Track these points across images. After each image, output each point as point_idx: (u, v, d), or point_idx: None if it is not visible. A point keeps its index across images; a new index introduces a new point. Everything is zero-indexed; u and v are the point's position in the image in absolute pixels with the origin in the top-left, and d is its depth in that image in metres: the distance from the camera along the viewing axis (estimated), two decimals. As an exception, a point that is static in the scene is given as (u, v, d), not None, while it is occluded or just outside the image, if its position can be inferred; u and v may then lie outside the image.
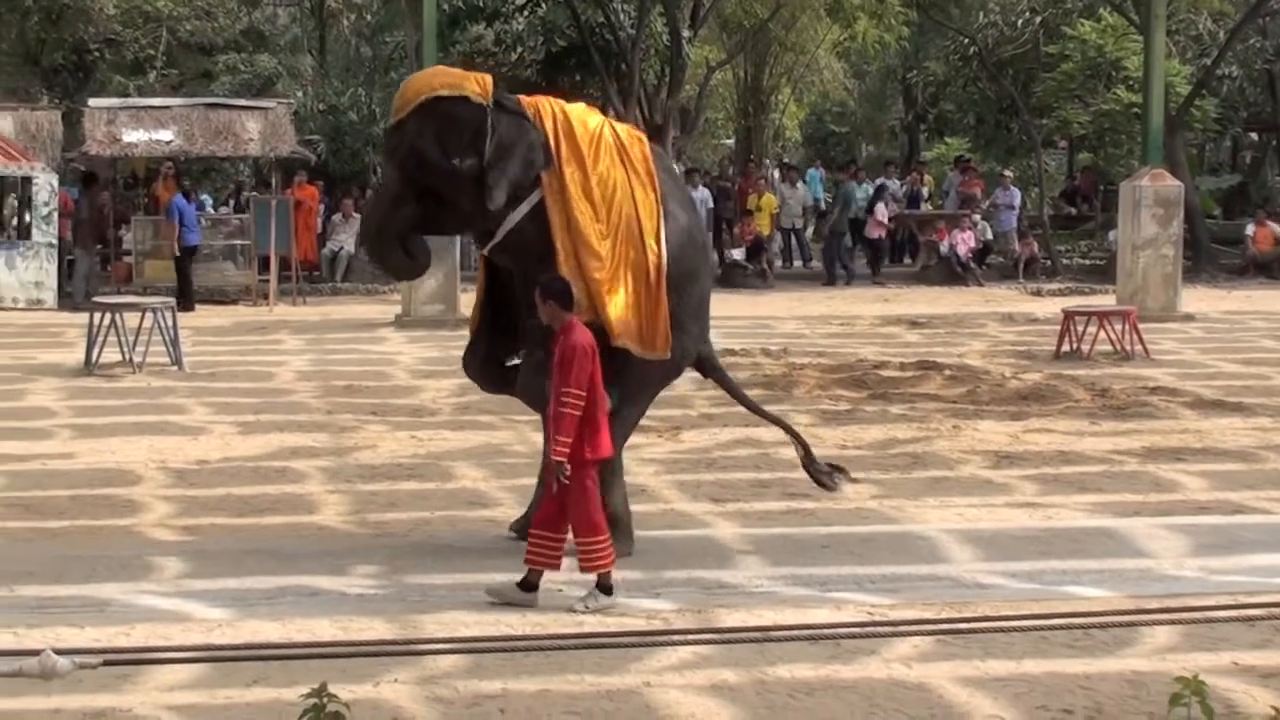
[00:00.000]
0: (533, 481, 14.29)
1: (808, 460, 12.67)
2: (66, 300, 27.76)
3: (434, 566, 11.52)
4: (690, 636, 9.51)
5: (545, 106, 12.02)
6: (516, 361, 12.22)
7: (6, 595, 10.76)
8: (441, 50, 30.17)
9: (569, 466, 10.45)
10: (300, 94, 37.45)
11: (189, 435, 16.45)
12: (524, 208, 11.74)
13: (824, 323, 26.20)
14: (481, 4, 37.35)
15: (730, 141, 52.90)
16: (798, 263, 36.68)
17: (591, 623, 10.07)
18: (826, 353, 22.26)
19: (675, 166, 12.93)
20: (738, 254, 33.18)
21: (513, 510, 13.24)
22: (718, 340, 22.61)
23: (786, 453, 15.56)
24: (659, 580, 11.22)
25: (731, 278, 32.17)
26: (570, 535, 10.61)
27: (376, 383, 19.65)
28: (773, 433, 16.42)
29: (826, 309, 28.26)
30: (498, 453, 15.71)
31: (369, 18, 41.96)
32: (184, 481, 14.37)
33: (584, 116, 12.08)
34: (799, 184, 37.11)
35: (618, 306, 11.67)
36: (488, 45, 38.13)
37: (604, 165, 11.83)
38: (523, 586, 10.61)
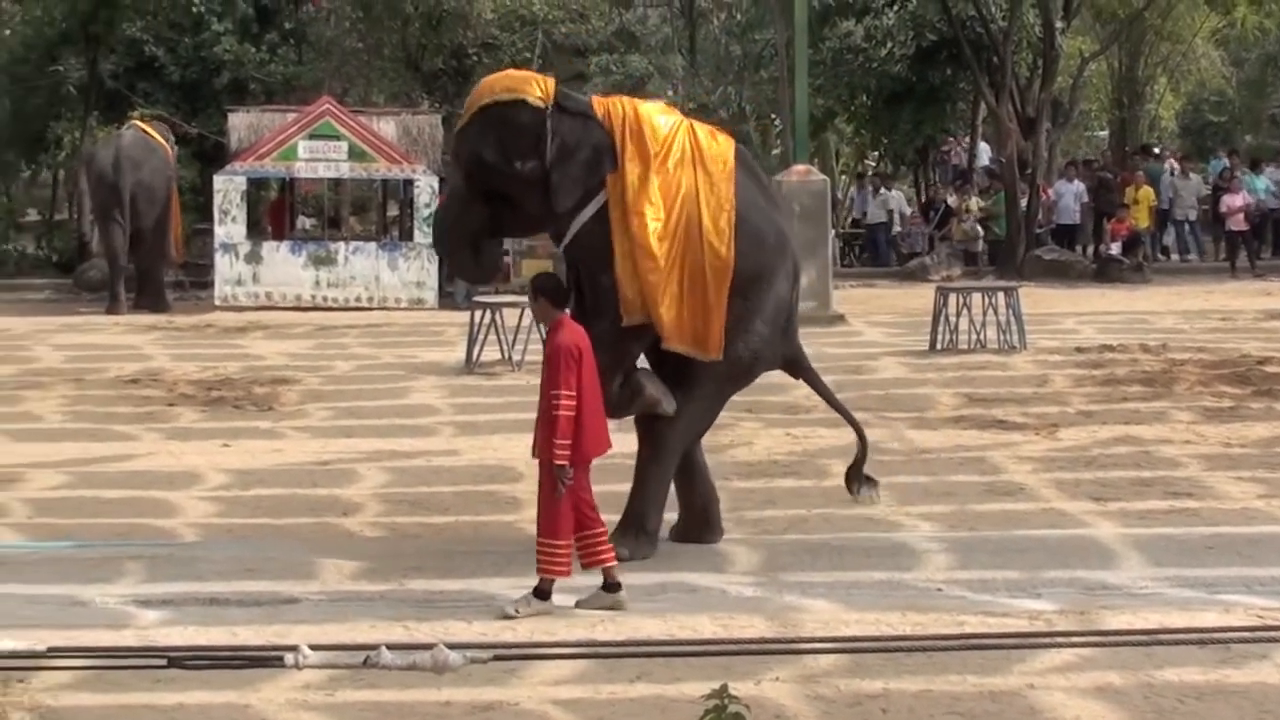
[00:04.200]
0: (906, 479, 14.29)
1: (859, 460, 12.44)
2: (447, 300, 28.36)
3: (812, 564, 11.54)
4: (1075, 638, 9.36)
5: (616, 107, 12.00)
6: None
7: (396, 589, 11.07)
8: (811, 46, 30.13)
9: (570, 469, 10.37)
10: (670, 93, 37.70)
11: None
12: (590, 209, 11.78)
13: (1203, 317, 25.53)
14: (851, 0, 37.22)
15: (1104, 133, 51.90)
16: (1192, 256, 35.55)
17: (973, 623, 9.98)
18: (1207, 348, 21.70)
19: (759, 169, 12.67)
20: (1114, 248, 32.54)
21: (890, 508, 13.20)
22: (1095, 335, 22.46)
23: (1168, 450, 15.31)
24: (1039, 580, 11.08)
25: (1107, 272, 31.58)
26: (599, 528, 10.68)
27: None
28: (1153, 430, 16.24)
29: (1205, 303, 27.55)
30: (873, 450, 15.55)
31: (739, 16, 42.06)
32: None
33: (656, 117, 12.01)
34: (1191, 175, 36.11)
35: (670, 308, 11.64)
36: (857, 41, 37.93)
37: (672, 165, 11.77)
38: (605, 589, 10.61)
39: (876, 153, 43.75)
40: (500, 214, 12.09)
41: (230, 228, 28.82)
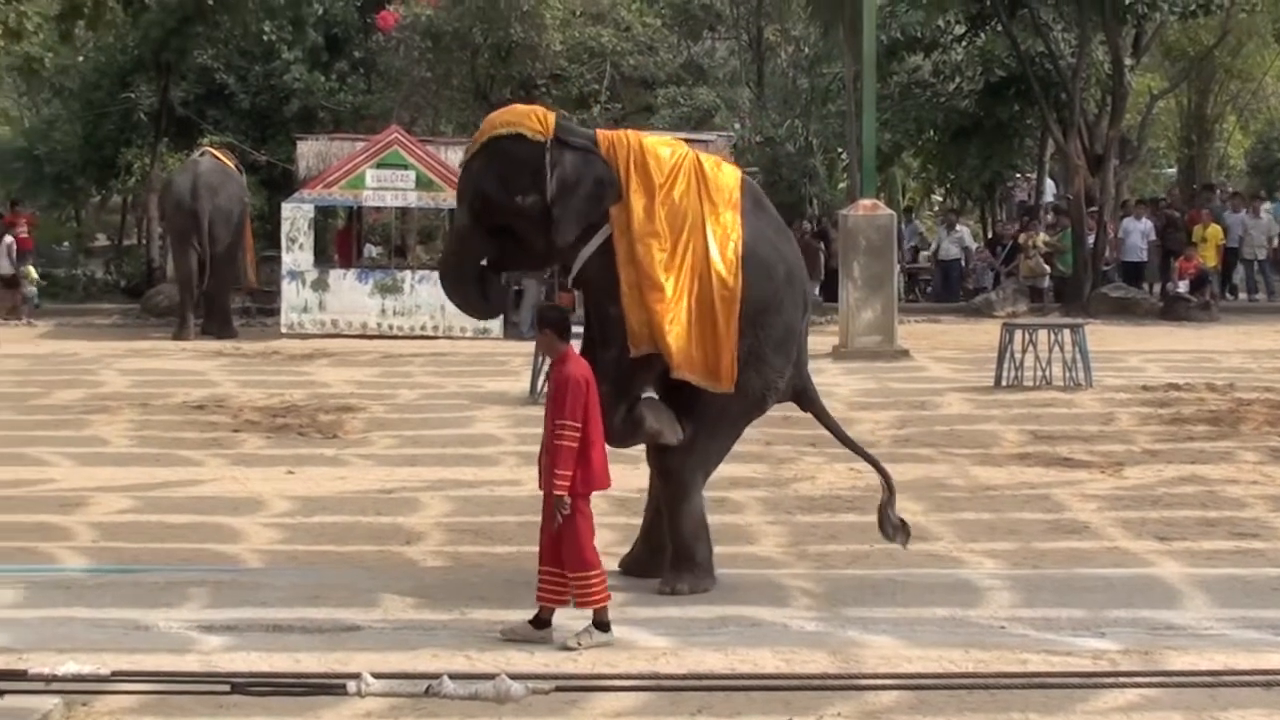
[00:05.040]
0: (970, 516, 14.25)
1: (887, 504, 12.22)
2: (513, 330, 28.40)
3: (874, 600, 11.51)
4: (1139, 678, 9.31)
5: (620, 140, 11.97)
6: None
7: (459, 619, 11.09)
8: (879, 81, 30.11)
9: (569, 500, 10.39)
10: (738, 126, 37.78)
11: (630, 464, 16.58)
12: (595, 241, 11.77)
13: (1271, 357, 25.34)
14: (919, 35, 37.15)
15: (1172, 171, 51.71)
16: (1260, 295, 35.28)
17: (1037, 661, 9.93)
18: (1275, 388, 21.53)
19: (766, 199, 12.59)
20: (1181, 287, 32.37)
21: (952, 544, 13.18)
22: (1161, 374, 22.34)
23: (1234, 490, 15.23)
24: (1103, 619, 11.02)
25: (1174, 310, 31.42)
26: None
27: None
28: (1219, 470, 16.14)
29: (1273, 343, 27.35)
30: (937, 486, 15.62)
31: (806, 50, 42.08)
32: (626, 509, 14.58)
33: (660, 149, 11.98)
34: (1263, 213, 35.85)
35: (679, 338, 11.60)
36: (925, 76, 37.94)
37: (678, 195, 11.73)
38: (535, 624, 10.60)
39: (943, 188, 43.72)
40: (505, 249, 12.08)
41: (297, 255, 28.92)
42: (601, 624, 10.50)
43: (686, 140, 32.11)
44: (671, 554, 11.90)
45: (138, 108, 37.19)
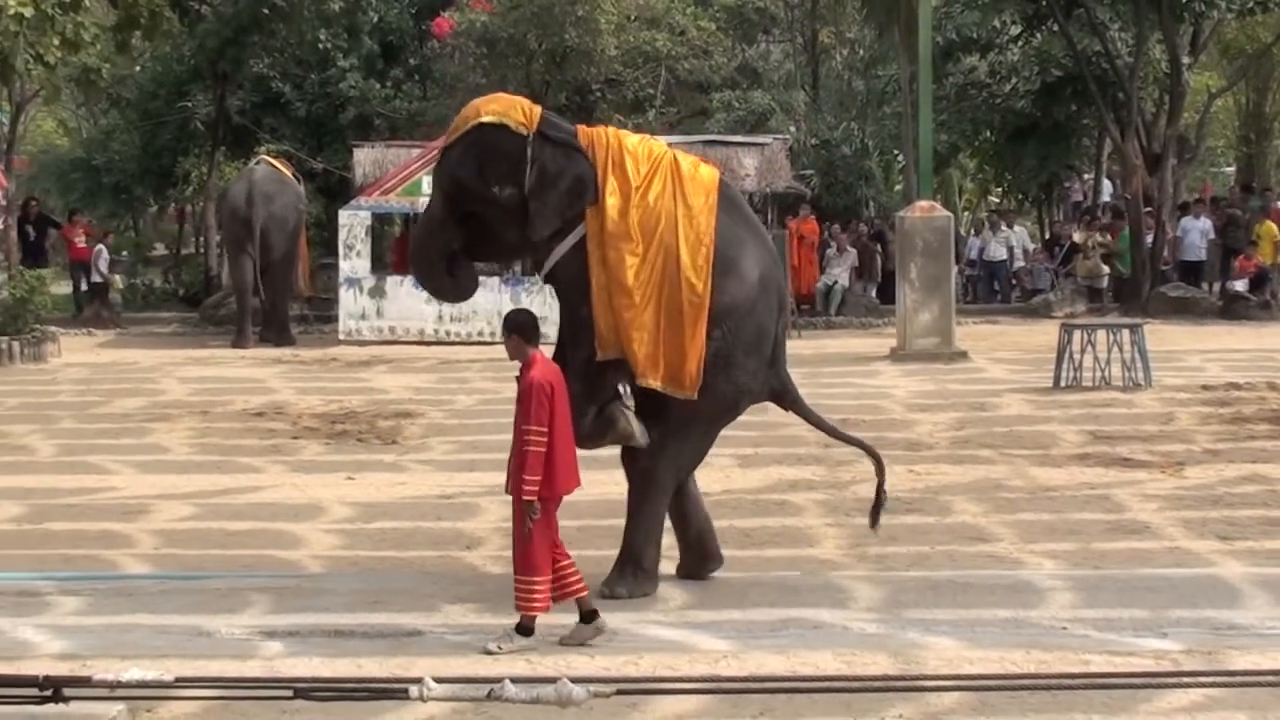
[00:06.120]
0: (1030, 517, 14.20)
1: (879, 492, 12.29)
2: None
3: (935, 601, 11.48)
4: (1201, 678, 9.25)
5: (600, 138, 11.87)
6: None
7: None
8: (935, 82, 30.04)
9: (538, 505, 10.39)
10: (793, 129, 37.77)
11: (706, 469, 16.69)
12: (569, 240, 11.69)
13: (1333, 355, 25.22)
14: (975, 35, 37.11)
15: (1230, 170, 51.47)
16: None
17: (1099, 662, 9.90)
18: (1337, 386, 21.43)
19: (742, 201, 12.50)
20: (1240, 285, 32.21)
21: (1013, 545, 13.14)
22: (1221, 373, 22.22)
23: (1298, 489, 15.14)
24: (1165, 619, 10.96)
25: (1234, 309, 31.28)
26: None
27: (872, 416, 19.63)
28: (1283, 469, 16.03)
29: (1335, 341, 27.21)
30: (996, 487, 15.58)
31: (861, 52, 42.10)
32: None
33: (639, 149, 11.87)
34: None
35: (644, 344, 11.51)
36: (981, 76, 37.90)
37: (653, 198, 11.62)
38: (583, 621, 10.64)
39: (1000, 188, 43.60)
40: (477, 237, 11.99)
41: (355, 262, 29.03)
42: (525, 629, 10.54)
43: (742, 144, 32.22)
44: (620, 555, 11.88)
45: (194, 117, 37.43)
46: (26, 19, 25.13)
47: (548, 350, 11.12)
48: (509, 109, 11.85)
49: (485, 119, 11.75)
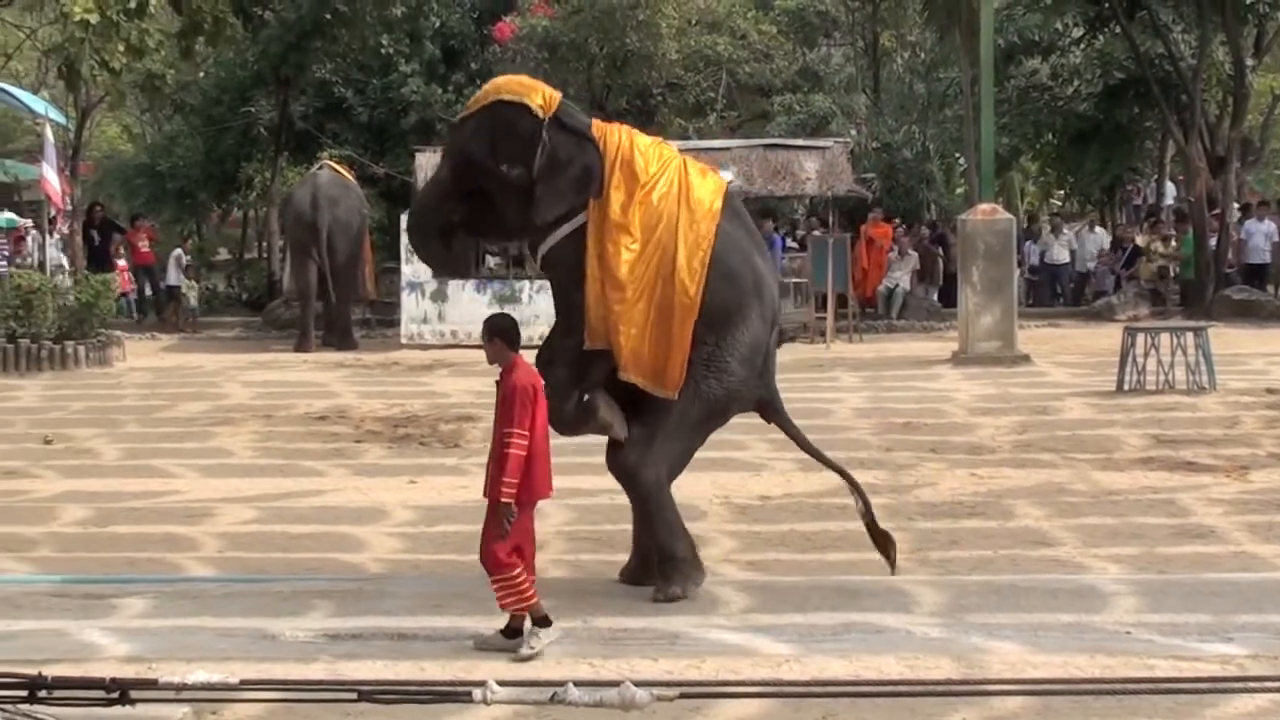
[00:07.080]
0: (1094, 521, 14.14)
1: (869, 518, 12.23)
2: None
3: (998, 605, 11.43)
4: (1268, 683, 9.19)
5: (612, 134, 11.87)
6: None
7: (581, 626, 11.09)
8: (996, 85, 29.96)
9: (515, 508, 10.36)
10: (854, 132, 37.74)
11: (751, 471, 16.71)
12: (567, 228, 11.65)
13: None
14: (1037, 38, 37.03)
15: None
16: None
17: (1164, 666, 9.84)
18: (1404, 391, 21.27)
19: (745, 211, 12.44)
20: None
21: (1076, 550, 13.09)
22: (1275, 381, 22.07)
23: (1364, 494, 15.04)
24: (1231, 624, 10.89)
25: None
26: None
27: (934, 420, 19.59)
28: (1349, 473, 15.92)
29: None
30: (1059, 491, 15.51)
31: (922, 55, 42.02)
32: (747, 517, 14.61)
33: (649, 149, 11.87)
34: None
35: (631, 339, 11.48)
36: (1043, 79, 37.79)
37: (657, 197, 11.61)
38: (505, 633, 10.58)
39: (1062, 191, 43.44)
40: (479, 214, 11.99)
41: (417, 266, 29.06)
42: (541, 620, 10.52)
43: (803, 148, 32.19)
44: (658, 562, 11.85)
45: (257, 122, 37.65)
46: (92, 25, 25.33)
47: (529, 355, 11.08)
48: (530, 90, 11.88)
49: (504, 96, 11.80)
